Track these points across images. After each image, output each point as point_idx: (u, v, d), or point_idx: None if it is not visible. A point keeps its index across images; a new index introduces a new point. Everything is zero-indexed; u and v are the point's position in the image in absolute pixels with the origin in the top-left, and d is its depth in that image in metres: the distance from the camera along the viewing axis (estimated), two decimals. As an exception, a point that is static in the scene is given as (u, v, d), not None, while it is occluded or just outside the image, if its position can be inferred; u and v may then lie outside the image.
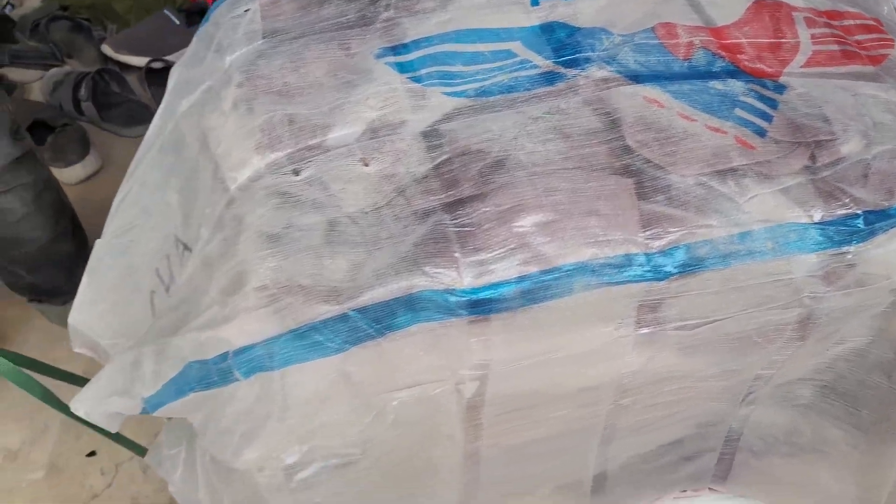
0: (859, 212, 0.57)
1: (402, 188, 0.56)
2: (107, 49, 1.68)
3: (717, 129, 0.60)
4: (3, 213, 1.08)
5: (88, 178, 1.54)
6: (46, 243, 1.16)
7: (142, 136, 1.74)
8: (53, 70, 1.69)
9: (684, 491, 0.85)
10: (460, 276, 0.52)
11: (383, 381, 0.54)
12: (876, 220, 0.58)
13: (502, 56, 0.66)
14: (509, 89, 0.63)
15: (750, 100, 0.63)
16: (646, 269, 0.54)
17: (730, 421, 0.75)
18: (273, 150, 0.60)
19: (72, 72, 1.67)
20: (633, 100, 0.61)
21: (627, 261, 0.54)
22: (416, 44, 0.67)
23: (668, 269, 0.54)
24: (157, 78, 1.68)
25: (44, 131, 1.53)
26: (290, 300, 0.51)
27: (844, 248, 0.57)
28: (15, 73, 1.70)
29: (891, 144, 0.61)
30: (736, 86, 0.64)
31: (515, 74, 0.64)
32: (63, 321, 1.29)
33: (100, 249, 0.78)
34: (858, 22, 0.77)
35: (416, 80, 0.64)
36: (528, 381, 0.59)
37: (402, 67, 0.65)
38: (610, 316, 0.56)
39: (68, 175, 1.50)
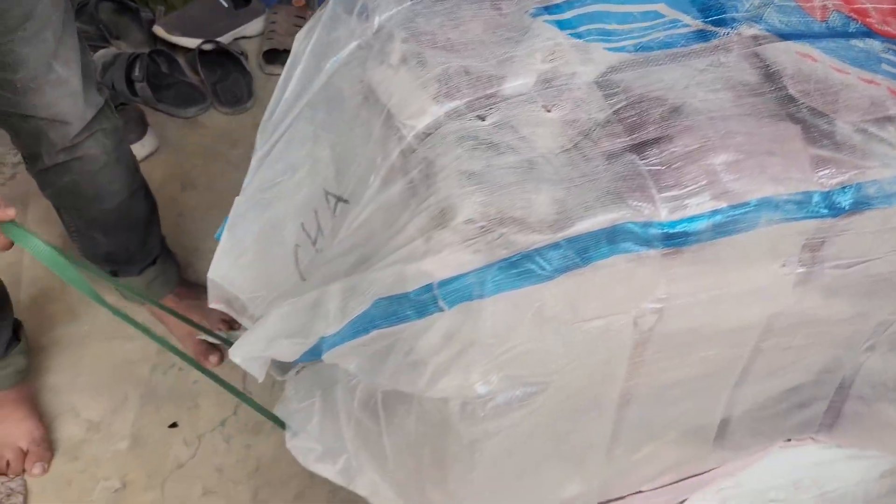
0: None
1: (587, 132, 0.60)
2: (159, 30, 1.69)
3: (870, 82, 0.64)
4: (84, 162, 1.10)
5: (147, 157, 1.55)
6: (123, 201, 1.18)
7: (195, 116, 1.76)
8: (102, 51, 1.70)
9: (789, 440, 0.89)
10: (657, 211, 0.56)
11: (578, 311, 0.57)
12: None
13: (651, 16, 0.70)
14: (667, 45, 0.67)
15: (891, 57, 0.67)
16: (822, 206, 0.58)
17: (845, 368, 0.79)
18: (452, 99, 0.63)
19: (120, 53, 1.68)
20: (788, 55, 0.65)
21: (807, 198, 0.58)
22: (570, 4, 0.70)
23: (843, 205, 0.58)
24: (208, 60, 1.70)
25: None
26: (502, 230, 0.54)
27: None
28: (63, 55, 1.71)
29: None
30: (874, 45, 0.69)
31: (669, 32, 0.68)
32: (138, 295, 1.30)
33: (240, 206, 0.80)
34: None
35: (577, 36, 0.67)
36: (695, 319, 0.63)
37: (561, 25, 0.68)
38: (780, 253, 0.60)
39: (126, 154, 1.51)
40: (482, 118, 0.61)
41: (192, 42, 1.70)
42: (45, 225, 1.42)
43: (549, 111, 0.61)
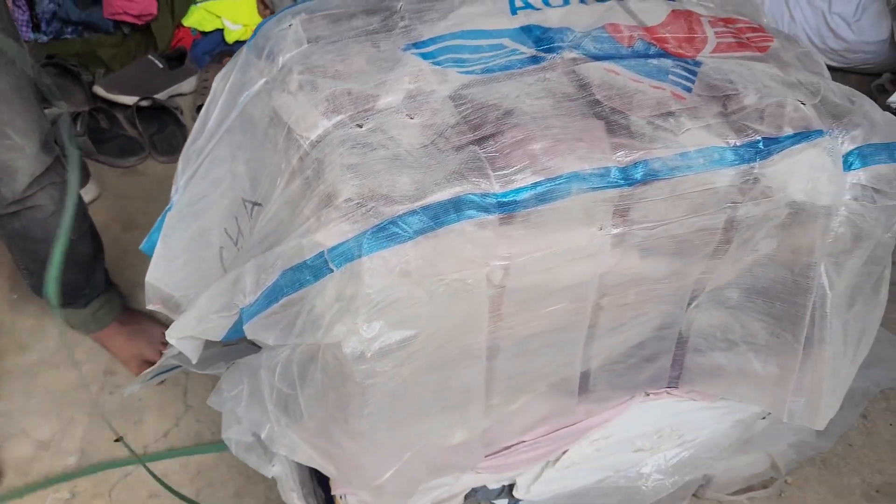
0: (759, 137, 0.82)
1: (441, 132, 0.78)
2: (99, 90, 1.84)
3: (658, 87, 0.84)
4: (35, 210, 1.24)
5: (90, 202, 1.68)
6: (72, 242, 1.30)
7: (134, 166, 1.90)
8: (45, 111, 1.84)
9: (648, 395, 1.06)
10: (492, 185, 0.73)
11: (437, 267, 0.73)
12: (771, 144, 0.82)
13: (496, 48, 0.89)
14: (506, 68, 0.86)
15: (678, 70, 0.87)
16: (619, 178, 0.76)
17: (679, 323, 0.97)
18: (338, 114, 0.80)
19: (64, 112, 1.82)
20: (598, 71, 0.85)
21: (606, 172, 0.76)
22: (433, 40, 0.89)
23: (635, 177, 0.77)
24: (145, 115, 1.85)
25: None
26: (373, 204, 0.71)
27: (751, 164, 0.81)
28: (7, 116, 1.84)
29: (777, 98, 0.86)
30: (666, 62, 0.89)
31: (509, 58, 0.87)
32: (84, 325, 1.42)
33: (172, 218, 0.96)
34: (747, 25, 1.03)
35: (437, 63, 0.86)
36: (537, 275, 0.80)
37: (424, 56, 0.86)
38: (595, 218, 0.78)
39: (70, 202, 1.64)
40: (360, 126, 0.78)
41: (130, 99, 1.85)
42: (-4, 266, 1.54)
43: (411, 118, 0.79)
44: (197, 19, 2.06)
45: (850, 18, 2.11)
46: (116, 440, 1.35)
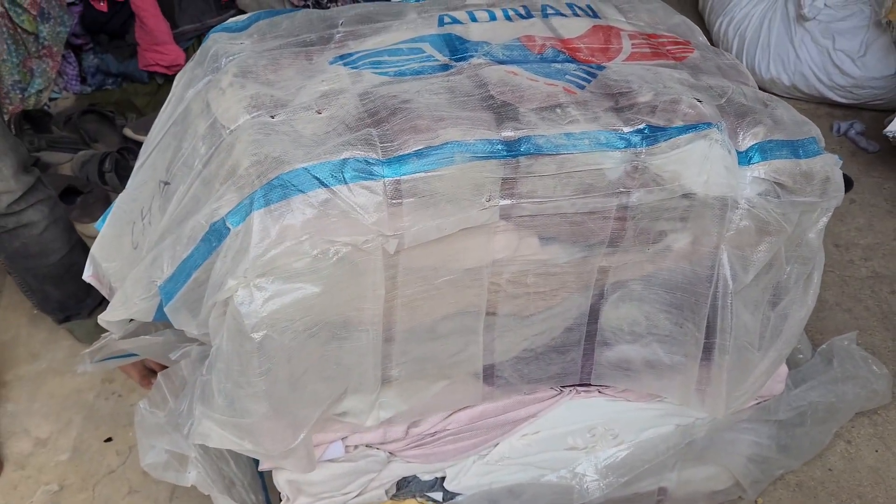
0: (644, 126, 0.87)
1: (343, 120, 0.86)
2: (128, 131, 2.02)
3: (551, 85, 0.91)
4: (29, 227, 1.37)
5: (110, 231, 1.84)
6: (66, 255, 1.44)
7: (155, 200, 2.00)
8: (81, 152, 2.03)
9: (579, 392, 1.08)
10: (378, 154, 0.81)
11: (327, 228, 0.80)
12: (657, 132, 0.87)
13: (416, 52, 0.98)
14: (418, 72, 0.94)
15: (578, 72, 0.94)
16: (503, 149, 0.83)
17: (586, 313, 0.99)
18: (257, 110, 0.90)
19: (96, 153, 2.01)
20: (498, 72, 0.92)
21: (489, 144, 0.83)
22: (357, 52, 0.98)
23: (519, 149, 0.83)
24: (169, 155, 2.01)
25: (74, 196, 1.85)
26: (265, 167, 0.79)
27: (636, 149, 0.86)
28: (50, 157, 2.03)
29: (672, 95, 0.91)
30: (569, 66, 0.96)
31: (423, 64, 0.96)
32: (89, 336, 1.54)
33: (119, 200, 1.07)
34: (671, 40, 1.10)
35: (355, 68, 0.95)
36: (429, 248, 0.85)
37: (346, 64, 0.96)
38: (483, 189, 0.84)
39: (93, 229, 1.79)
40: (273, 116, 0.87)
41: (155, 140, 2.02)
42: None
43: (320, 113, 0.88)
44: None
45: (855, 55, 2.11)
46: (106, 440, 1.44)
